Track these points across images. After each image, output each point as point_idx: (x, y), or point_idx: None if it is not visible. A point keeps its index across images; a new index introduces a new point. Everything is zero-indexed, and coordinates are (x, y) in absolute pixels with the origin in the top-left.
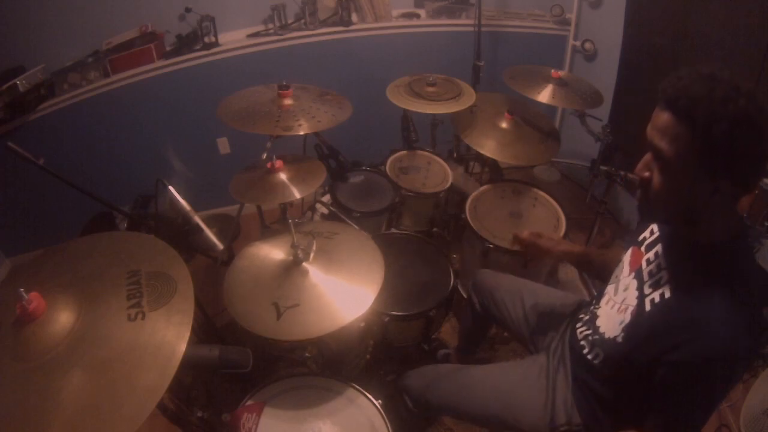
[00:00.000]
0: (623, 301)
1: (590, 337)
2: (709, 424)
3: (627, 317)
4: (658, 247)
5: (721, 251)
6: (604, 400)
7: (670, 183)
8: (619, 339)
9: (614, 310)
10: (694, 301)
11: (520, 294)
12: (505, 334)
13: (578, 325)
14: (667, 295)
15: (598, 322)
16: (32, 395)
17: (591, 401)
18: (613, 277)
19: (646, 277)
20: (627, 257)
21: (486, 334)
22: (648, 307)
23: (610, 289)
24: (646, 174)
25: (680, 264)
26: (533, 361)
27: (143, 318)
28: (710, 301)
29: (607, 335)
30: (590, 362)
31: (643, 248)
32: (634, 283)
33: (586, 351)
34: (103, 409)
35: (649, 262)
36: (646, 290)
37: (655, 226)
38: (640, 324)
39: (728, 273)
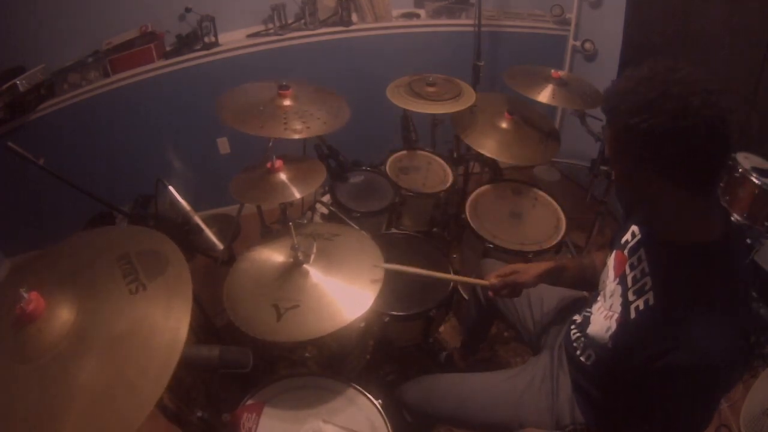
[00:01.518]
0: (610, 307)
1: (582, 339)
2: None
3: (613, 325)
4: (641, 252)
5: (704, 255)
6: (597, 400)
7: (617, 178)
8: (609, 345)
9: (602, 317)
10: (678, 308)
11: (526, 292)
12: (506, 333)
13: (572, 327)
14: (651, 302)
15: (589, 329)
16: (41, 394)
17: (587, 401)
18: (601, 282)
19: (630, 283)
20: (611, 261)
21: (489, 331)
22: (633, 314)
23: (600, 295)
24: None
25: (663, 269)
26: (536, 364)
27: (145, 289)
28: (693, 308)
29: (597, 340)
30: (583, 363)
31: (626, 252)
32: (619, 289)
33: (579, 353)
34: (121, 387)
35: (632, 266)
36: (630, 297)
37: (636, 228)
38: (625, 332)
39: (711, 278)
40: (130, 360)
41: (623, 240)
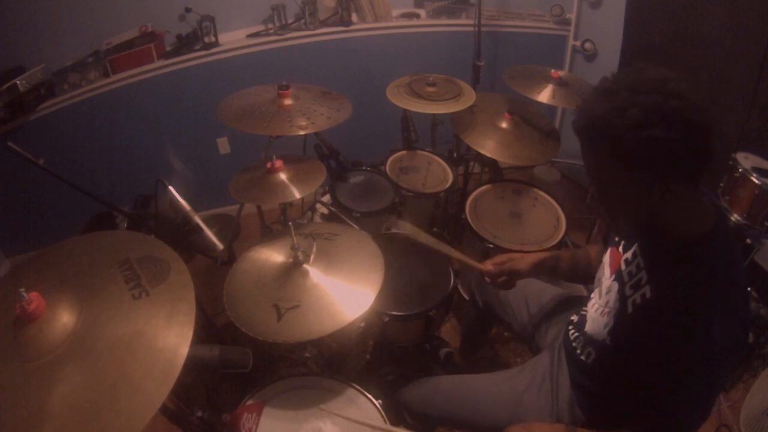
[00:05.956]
0: (607, 304)
1: (581, 338)
2: (709, 423)
3: (610, 321)
4: (636, 247)
5: (697, 245)
6: (598, 398)
7: (620, 205)
8: (607, 341)
9: (599, 314)
10: (674, 301)
11: (523, 291)
12: (506, 333)
13: (569, 327)
14: (648, 295)
15: (586, 327)
16: (42, 394)
17: (588, 398)
18: (596, 280)
19: (626, 278)
20: (607, 259)
21: (488, 333)
22: (630, 309)
23: (595, 292)
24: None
25: (657, 264)
26: (536, 364)
27: (148, 294)
28: (689, 300)
29: (595, 338)
30: (583, 362)
31: (620, 248)
32: (616, 286)
33: (578, 352)
34: (125, 388)
35: (627, 262)
36: (627, 291)
37: None
38: (623, 326)
39: (707, 268)
40: (135, 362)
41: (617, 237)
